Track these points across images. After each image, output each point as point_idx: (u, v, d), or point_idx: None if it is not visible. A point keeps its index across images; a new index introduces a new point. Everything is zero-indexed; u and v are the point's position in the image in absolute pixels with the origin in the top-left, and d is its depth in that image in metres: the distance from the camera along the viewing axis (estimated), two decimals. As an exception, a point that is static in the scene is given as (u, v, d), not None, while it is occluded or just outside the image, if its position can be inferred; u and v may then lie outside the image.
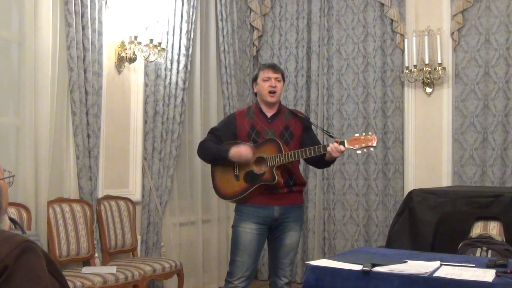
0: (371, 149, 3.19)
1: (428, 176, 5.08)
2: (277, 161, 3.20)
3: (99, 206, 4.18)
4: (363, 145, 3.12)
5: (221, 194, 3.44)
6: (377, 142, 3.17)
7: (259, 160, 3.27)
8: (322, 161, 3.31)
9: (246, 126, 3.37)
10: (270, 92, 3.34)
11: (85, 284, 3.41)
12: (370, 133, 3.21)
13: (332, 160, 3.30)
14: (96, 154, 4.11)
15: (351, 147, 3.14)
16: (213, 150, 3.35)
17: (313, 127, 3.62)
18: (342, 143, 3.14)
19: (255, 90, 3.46)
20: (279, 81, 3.38)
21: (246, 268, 3.30)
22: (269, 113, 3.40)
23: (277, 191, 3.28)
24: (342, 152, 3.15)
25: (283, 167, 3.26)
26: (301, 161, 5.53)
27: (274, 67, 3.43)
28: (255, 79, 3.45)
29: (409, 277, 2.18)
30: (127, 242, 4.34)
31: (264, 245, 3.44)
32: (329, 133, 3.24)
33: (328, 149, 3.12)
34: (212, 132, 3.48)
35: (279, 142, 3.23)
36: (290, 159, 3.19)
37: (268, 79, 3.36)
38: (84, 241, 3.94)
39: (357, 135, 3.17)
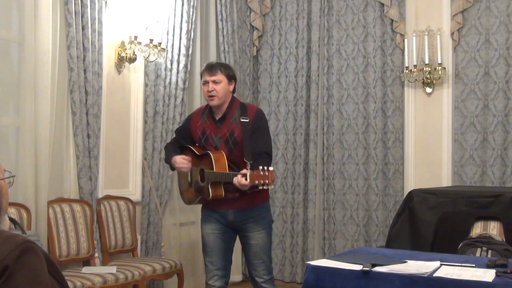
0: (269, 187, 2.86)
1: (428, 176, 5.08)
2: (210, 178, 3.11)
3: (99, 206, 4.18)
4: (261, 181, 2.83)
5: (182, 198, 3.55)
6: (273, 181, 2.84)
7: (202, 172, 3.23)
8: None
9: (198, 131, 3.32)
10: (209, 96, 3.21)
11: (85, 284, 3.41)
12: (270, 168, 2.85)
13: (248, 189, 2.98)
14: (96, 154, 4.11)
15: (251, 182, 2.85)
16: (168, 154, 3.43)
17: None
18: (245, 176, 2.86)
19: None
20: (217, 83, 3.19)
21: (217, 267, 3.30)
22: (217, 115, 3.28)
23: (227, 197, 3.17)
24: (246, 186, 2.88)
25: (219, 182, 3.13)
26: (302, 161, 5.55)
27: (210, 69, 3.24)
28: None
29: (409, 277, 2.18)
30: (127, 242, 4.34)
31: (233, 242, 3.42)
32: (246, 160, 2.96)
33: (234, 181, 2.95)
34: (175, 133, 3.60)
35: (212, 157, 3.12)
36: (216, 178, 3.08)
37: (206, 83, 3.23)
38: (84, 241, 3.94)
39: (260, 167, 2.85)
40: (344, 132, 5.49)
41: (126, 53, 4.42)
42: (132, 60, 4.46)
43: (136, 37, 4.36)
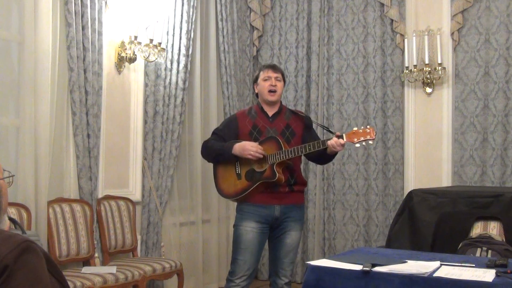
0: (370, 142, 3.16)
1: (428, 176, 5.08)
2: (278, 158, 3.22)
3: (99, 206, 4.18)
4: (362, 138, 3.12)
5: (223, 193, 3.45)
6: (375, 135, 3.14)
7: (260, 158, 3.28)
8: (324, 156, 3.33)
9: (248, 125, 3.40)
10: (270, 91, 3.39)
11: (85, 284, 3.41)
12: (368, 126, 3.17)
13: (334, 155, 3.33)
14: (96, 154, 4.11)
15: (349, 141, 3.15)
16: (217, 147, 3.39)
17: (314, 125, 3.64)
18: (341, 137, 3.15)
19: (256, 91, 3.51)
20: (279, 80, 3.42)
21: (248, 267, 3.31)
22: (270, 112, 3.43)
23: (278, 190, 3.29)
24: (343, 145, 3.16)
25: (284, 164, 3.27)
26: (303, 162, 5.55)
27: (274, 67, 3.49)
28: (255, 80, 3.50)
29: (409, 277, 2.18)
30: (127, 242, 4.34)
31: (265, 244, 3.45)
32: (328, 128, 3.25)
33: (329, 143, 3.13)
34: (215, 133, 3.53)
35: (280, 139, 3.26)
36: (290, 155, 3.20)
37: (268, 78, 3.41)
38: (84, 241, 3.94)
39: (355, 128, 3.17)
40: (344, 132, 5.48)
41: (126, 53, 4.42)
42: (132, 60, 4.46)
43: (136, 37, 4.36)
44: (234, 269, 3.33)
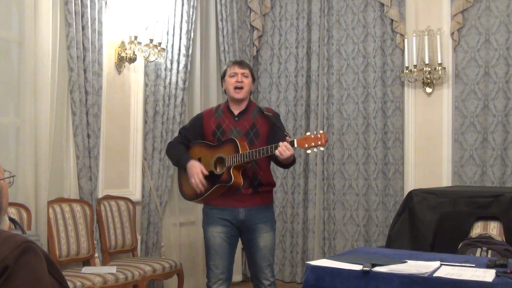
0: (321, 148, 2.95)
1: (428, 176, 5.08)
2: (234, 161, 3.11)
3: (99, 206, 4.18)
4: (313, 144, 2.92)
5: (185, 195, 3.42)
6: (326, 141, 2.93)
7: (220, 161, 3.21)
8: (279, 163, 3.17)
9: (212, 125, 3.32)
10: (236, 88, 3.27)
11: (85, 284, 3.41)
12: (321, 131, 2.97)
13: (289, 162, 3.12)
14: (96, 154, 4.11)
15: (300, 147, 2.96)
16: (177, 154, 3.36)
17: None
18: (292, 142, 2.97)
19: (224, 88, 3.41)
20: (246, 76, 3.30)
21: (221, 271, 3.26)
22: (236, 110, 3.32)
23: (240, 192, 3.20)
24: (291, 152, 2.97)
25: (242, 167, 3.16)
26: (303, 163, 5.55)
27: (240, 63, 3.37)
28: (223, 77, 3.40)
29: (409, 277, 2.18)
30: (127, 242, 4.34)
31: (237, 245, 3.39)
32: (286, 134, 3.03)
33: (277, 151, 2.97)
34: (181, 132, 3.49)
35: (237, 141, 3.14)
36: (245, 159, 3.07)
37: (235, 74, 3.29)
38: (84, 241, 3.94)
39: (308, 133, 2.97)
40: (344, 132, 5.49)
41: (126, 53, 4.42)
42: (132, 60, 4.46)
43: (136, 37, 4.36)
44: (208, 274, 3.30)
